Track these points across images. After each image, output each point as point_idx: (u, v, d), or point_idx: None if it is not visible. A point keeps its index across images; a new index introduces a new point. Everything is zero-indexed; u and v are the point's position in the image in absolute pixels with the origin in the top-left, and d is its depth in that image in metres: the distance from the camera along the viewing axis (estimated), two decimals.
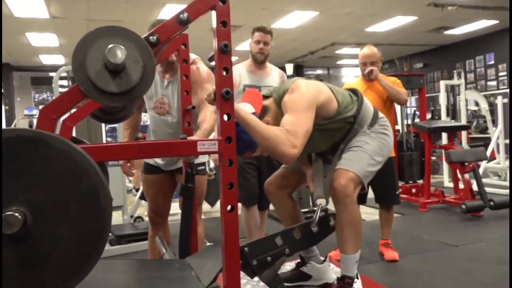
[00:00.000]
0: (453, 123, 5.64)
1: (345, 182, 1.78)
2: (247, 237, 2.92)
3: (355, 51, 11.33)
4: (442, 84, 6.19)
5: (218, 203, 4.91)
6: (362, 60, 3.18)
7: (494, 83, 10.42)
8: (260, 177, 2.86)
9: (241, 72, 2.89)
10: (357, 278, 1.88)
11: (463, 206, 4.15)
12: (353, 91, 2.07)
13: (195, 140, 1.24)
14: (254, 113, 1.75)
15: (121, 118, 1.90)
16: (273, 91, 1.92)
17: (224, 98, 1.25)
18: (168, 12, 7.01)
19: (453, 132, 5.06)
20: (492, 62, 10.64)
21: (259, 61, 2.90)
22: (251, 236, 2.88)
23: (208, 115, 2.04)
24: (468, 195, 4.38)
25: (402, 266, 2.92)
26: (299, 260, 2.19)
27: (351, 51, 11.26)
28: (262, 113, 1.83)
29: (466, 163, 4.37)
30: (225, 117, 1.27)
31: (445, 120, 6.02)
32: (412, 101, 8.44)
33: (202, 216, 4.94)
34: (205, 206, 4.96)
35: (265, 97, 1.90)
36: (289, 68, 9.32)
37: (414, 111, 6.95)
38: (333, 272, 2.16)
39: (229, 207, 1.27)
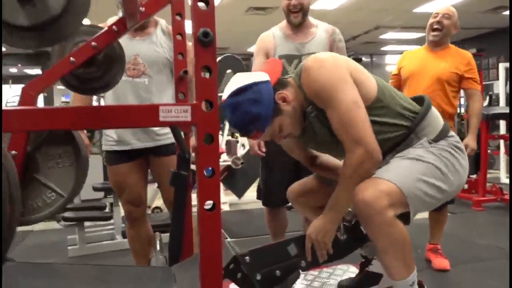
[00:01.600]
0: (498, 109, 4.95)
1: (372, 194, 1.26)
2: None
3: (401, 36, 10.58)
4: (502, 67, 5.48)
5: (246, 194, 4.57)
6: (433, 15, 2.60)
7: None
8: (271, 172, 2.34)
9: (276, 37, 2.27)
10: None
11: None
12: (419, 99, 1.56)
13: (157, 104, 0.84)
14: (267, 82, 1.35)
15: (102, 88, 1.52)
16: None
17: (201, 43, 0.84)
18: None
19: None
20: None
21: (295, 24, 2.23)
22: None
23: None
24: None
25: (453, 277, 2.42)
26: (362, 260, 1.76)
27: (397, 36, 10.49)
28: (277, 86, 1.42)
29: None
30: (205, 74, 0.86)
31: (504, 107, 5.31)
32: None
33: (228, 208, 4.66)
34: (233, 197, 4.61)
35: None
36: None
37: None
38: None
39: (208, 204, 0.87)
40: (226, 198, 4.68)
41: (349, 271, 1.82)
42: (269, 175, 2.29)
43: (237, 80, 1.40)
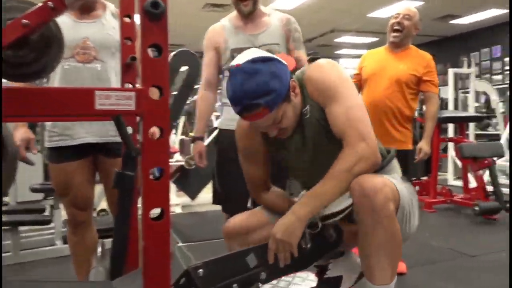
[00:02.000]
0: (465, 113, 5.11)
1: (382, 184, 1.18)
2: None
3: (355, 40, 10.78)
4: (451, 72, 5.65)
5: (200, 196, 4.39)
6: (394, 16, 2.55)
7: (499, 77, 9.90)
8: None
9: (226, 30, 2.08)
10: None
11: (476, 208, 3.63)
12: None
13: (91, 89, 0.68)
14: (286, 65, 1.28)
15: (35, 74, 1.31)
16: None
17: (150, 15, 0.69)
18: None
19: (464, 123, 4.52)
20: (499, 55, 10.11)
21: (245, 13, 2.03)
22: None
23: None
24: (481, 195, 3.86)
25: (411, 280, 2.38)
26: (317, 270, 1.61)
27: (351, 40, 10.69)
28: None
29: (480, 159, 3.84)
30: (152, 52, 0.71)
31: (453, 111, 5.48)
32: None
33: (180, 210, 4.45)
34: (186, 198, 4.41)
35: None
36: None
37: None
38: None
39: (155, 212, 0.72)
40: (179, 200, 4.48)
41: (309, 279, 1.72)
42: (228, 182, 2.10)
43: (256, 52, 1.27)
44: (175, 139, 5.18)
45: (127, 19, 1.31)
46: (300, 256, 1.19)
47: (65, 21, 1.72)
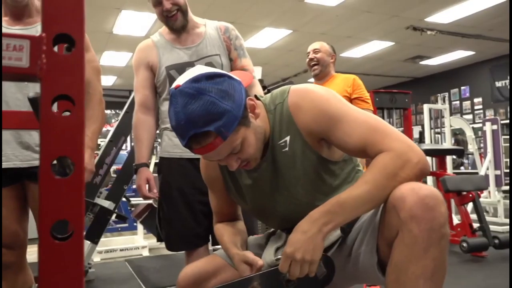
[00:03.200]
0: (446, 146, 5.03)
1: (441, 197, 0.93)
2: None
3: None
4: (426, 107, 5.64)
5: None
6: (307, 54, 2.83)
7: (470, 116, 10.10)
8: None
9: (158, 46, 1.83)
10: None
11: (464, 244, 3.42)
12: None
13: None
14: (240, 82, 1.04)
15: None
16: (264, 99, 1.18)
17: None
18: (125, 19, 6.28)
19: (445, 156, 4.41)
20: (468, 95, 10.38)
21: (177, 28, 1.80)
22: None
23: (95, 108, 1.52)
24: (468, 231, 3.67)
25: None
26: None
27: None
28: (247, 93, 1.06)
29: (464, 193, 3.69)
30: None
31: (430, 144, 5.41)
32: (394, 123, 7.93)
33: (148, 253, 4.08)
34: (153, 240, 4.05)
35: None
36: (258, 70, 8.66)
37: None
38: None
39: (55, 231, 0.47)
40: (146, 242, 4.11)
41: None
42: (172, 209, 1.79)
43: (199, 69, 1.02)
44: None
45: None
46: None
47: None
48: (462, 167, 8.44)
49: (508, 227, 4.83)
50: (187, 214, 1.77)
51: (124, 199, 4.09)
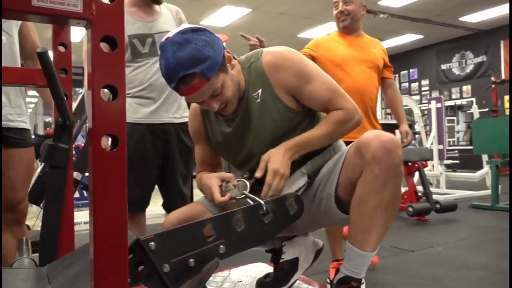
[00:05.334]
0: (390, 121, 5.38)
1: (397, 142, 1.14)
2: None
3: None
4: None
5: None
6: (334, 5, 2.32)
7: (417, 97, 10.70)
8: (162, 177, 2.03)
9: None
10: (363, 282, 1.26)
11: (410, 209, 3.77)
12: None
13: None
14: (218, 37, 1.21)
15: None
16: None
17: None
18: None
19: (394, 131, 4.74)
20: (416, 77, 10.97)
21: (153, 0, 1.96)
22: None
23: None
24: (413, 197, 4.02)
25: None
26: (271, 256, 1.52)
27: None
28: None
29: (410, 163, 4.03)
30: None
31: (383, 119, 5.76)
32: None
33: None
34: None
35: None
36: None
37: None
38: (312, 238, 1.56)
39: (106, 141, 0.60)
40: None
41: (263, 270, 1.61)
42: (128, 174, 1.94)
43: (186, 25, 1.20)
44: None
45: None
46: (260, 228, 1.09)
47: None
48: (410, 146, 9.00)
49: (449, 196, 5.30)
50: (135, 178, 1.87)
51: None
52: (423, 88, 10.80)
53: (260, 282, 1.45)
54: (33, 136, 2.56)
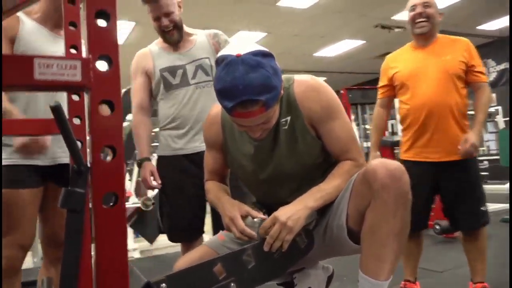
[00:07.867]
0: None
1: (403, 169, 1.14)
2: None
3: None
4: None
5: (158, 238, 4.14)
6: (410, 8, 2.18)
7: None
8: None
9: (153, 53, 2.05)
10: None
11: (437, 226, 3.68)
12: None
13: (31, 56, 0.60)
14: None
15: None
16: None
17: None
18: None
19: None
20: None
21: (174, 42, 2.02)
22: None
23: None
24: (440, 214, 3.91)
25: None
26: None
27: None
28: None
29: None
30: (101, 22, 0.64)
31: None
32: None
33: (139, 255, 4.19)
34: (144, 243, 4.16)
35: None
36: None
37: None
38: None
39: (109, 200, 0.64)
40: (136, 245, 4.23)
41: None
42: (172, 203, 1.99)
43: (250, 43, 1.18)
44: (129, 185, 4.99)
45: (71, 28, 1.24)
46: (270, 264, 1.10)
47: (43, 33, 1.67)
48: None
49: None
50: (185, 208, 1.94)
51: None
52: None
53: None
54: None
